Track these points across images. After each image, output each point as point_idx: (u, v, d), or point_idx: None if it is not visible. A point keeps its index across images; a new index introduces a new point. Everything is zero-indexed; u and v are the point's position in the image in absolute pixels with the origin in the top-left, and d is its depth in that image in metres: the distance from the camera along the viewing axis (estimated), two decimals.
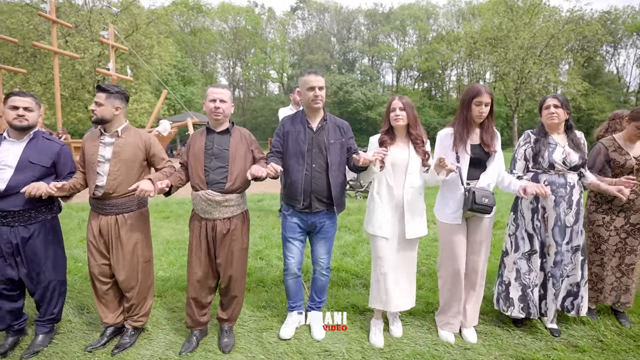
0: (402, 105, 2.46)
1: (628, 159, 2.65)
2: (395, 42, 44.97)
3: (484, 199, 2.33)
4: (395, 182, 2.48)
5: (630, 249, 2.72)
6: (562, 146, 2.53)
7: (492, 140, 2.46)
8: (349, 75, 37.86)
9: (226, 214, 2.39)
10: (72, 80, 21.81)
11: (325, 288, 2.77)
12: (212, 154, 2.39)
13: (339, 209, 2.56)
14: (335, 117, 2.64)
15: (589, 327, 2.71)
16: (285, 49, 45.89)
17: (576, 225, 2.54)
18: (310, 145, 2.47)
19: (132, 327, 2.56)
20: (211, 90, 2.39)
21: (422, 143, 2.49)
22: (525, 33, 27.35)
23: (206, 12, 44.63)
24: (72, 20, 21.28)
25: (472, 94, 2.43)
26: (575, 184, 2.53)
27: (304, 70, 19.95)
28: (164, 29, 26.66)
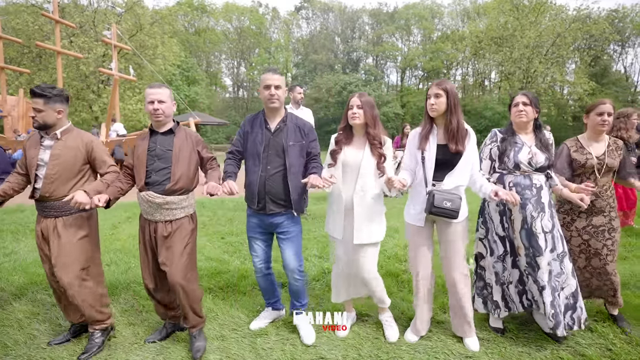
0: (360, 103, 2.35)
1: (589, 159, 2.54)
2: (400, 41, 44.74)
3: (445, 202, 2.20)
4: (345, 184, 2.39)
5: (594, 251, 2.59)
6: (528, 146, 2.42)
7: (455, 140, 2.28)
8: (353, 75, 37.71)
9: (167, 216, 2.33)
10: (77, 80, 21.92)
11: (301, 292, 2.67)
12: (155, 155, 2.33)
13: (298, 211, 2.49)
14: (298, 117, 2.55)
15: (597, 334, 2.59)
16: (289, 48, 45.88)
17: (555, 230, 2.40)
18: (266, 147, 2.40)
19: (97, 330, 2.45)
20: (148, 92, 2.31)
21: (380, 144, 2.37)
22: (531, 32, 27.07)
23: (210, 12, 44.71)
24: (76, 21, 21.38)
25: (428, 89, 2.35)
26: (543, 185, 2.41)
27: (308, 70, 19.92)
28: (168, 29, 26.73)
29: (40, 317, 2.83)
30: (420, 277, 2.49)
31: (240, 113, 43.16)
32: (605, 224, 2.57)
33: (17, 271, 3.67)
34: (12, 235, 4.95)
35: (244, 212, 6.12)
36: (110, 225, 5.54)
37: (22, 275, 3.58)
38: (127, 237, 4.87)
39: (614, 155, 2.55)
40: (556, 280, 2.39)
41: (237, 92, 48.39)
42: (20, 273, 3.63)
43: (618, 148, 2.58)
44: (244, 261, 4.01)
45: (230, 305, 3.02)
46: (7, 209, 6.39)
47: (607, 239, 2.57)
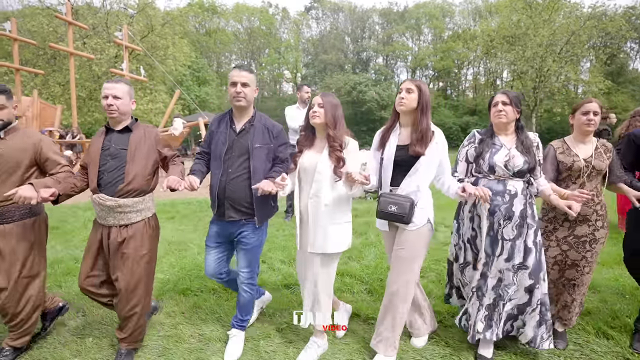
0: (322, 102, 2.20)
1: (576, 161, 2.34)
2: (410, 41, 44.44)
3: (390, 206, 2.08)
4: (302, 189, 2.26)
5: (571, 262, 2.40)
6: (507, 148, 2.24)
7: (420, 142, 2.11)
8: (363, 74, 37.57)
9: (122, 220, 2.17)
10: (89, 81, 22.25)
11: (248, 305, 2.49)
12: (109, 154, 2.18)
13: (261, 219, 2.29)
14: (268, 119, 2.38)
15: (613, 342, 2.48)
16: (299, 49, 45.93)
17: (518, 240, 2.20)
18: (230, 148, 2.24)
19: (9, 347, 2.28)
20: (104, 86, 2.18)
21: (340, 147, 2.17)
22: (545, 30, 26.58)
23: (221, 13, 44.99)
24: (89, 22, 21.72)
25: (400, 83, 2.23)
26: (519, 192, 2.19)
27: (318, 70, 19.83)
28: (179, 30, 27.00)
29: None
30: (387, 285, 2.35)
31: None
32: (587, 235, 2.37)
33: None
34: None
35: None
36: None
37: None
38: None
39: (603, 157, 2.36)
40: (505, 289, 2.24)
41: None
42: None
43: (607, 150, 2.39)
44: None
45: (234, 307, 2.97)
46: None
47: (587, 250, 2.37)
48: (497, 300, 2.25)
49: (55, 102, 20.00)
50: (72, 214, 6.02)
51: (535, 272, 2.21)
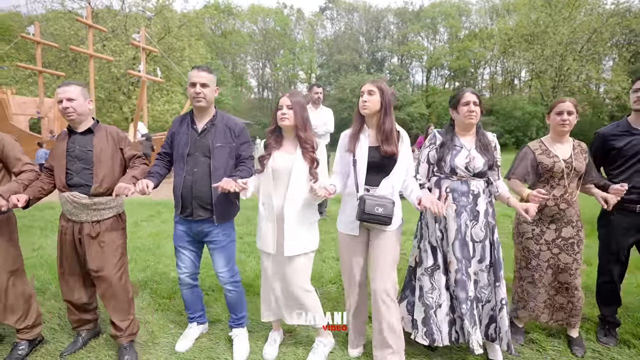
0: (290, 103, 2.15)
1: (557, 162, 2.29)
2: (426, 40, 44.01)
3: (377, 208, 2.02)
4: (276, 192, 2.20)
5: (563, 266, 2.34)
6: (467, 149, 2.21)
7: (388, 142, 2.11)
8: (378, 75, 37.38)
9: (95, 217, 2.23)
10: (108, 82, 22.80)
11: (238, 303, 2.49)
12: (75, 156, 2.22)
13: (220, 218, 2.27)
14: (230, 117, 2.39)
15: (635, 351, 2.39)
16: (314, 49, 46.04)
17: (486, 240, 2.20)
18: (192, 148, 2.25)
19: (24, 340, 2.35)
20: (57, 91, 2.20)
21: (312, 148, 2.17)
22: (565, 28, 25.98)
23: (236, 15, 45.50)
24: (109, 25, 22.26)
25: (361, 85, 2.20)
26: (481, 192, 2.19)
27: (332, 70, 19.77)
28: (195, 31, 27.40)
29: (62, 312, 2.89)
30: (353, 288, 2.31)
31: (265, 114, 43.60)
32: (574, 236, 2.34)
33: (43, 266, 3.79)
34: (40, 231, 5.15)
35: None
36: (132, 222, 5.66)
37: (48, 270, 3.69)
38: (147, 235, 4.96)
39: (580, 158, 2.32)
40: (482, 291, 2.21)
41: (262, 93, 49.00)
42: (46, 268, 3.75)
43: (583, 151, 2.35)
44: (253, 262, 3.98)
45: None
46: (38, 205, 6.67)
47: (576, 252, 2.34)
48: (476, 303, 2.21)
49: None
50: None
51: (495, 270, 2.21)
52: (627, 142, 2.33)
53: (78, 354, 2.38)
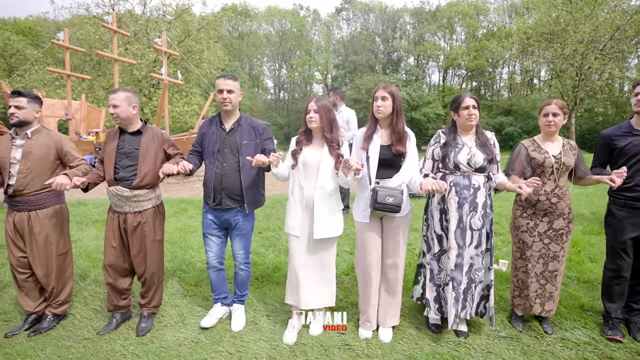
0: (317, 108, 2.48)
1: (547, 157, 2.54)
2: (442, 40, 43.61)
3: (388, 198, 2.33)
4: (306, 183, 2.53)
5: (553, 254, 2.60)
6: (469, 147, 2.49)
7: (400, 142, 2.44)
8: (394, 75, 37.29)
9: (136, 208, 2.58)
10: (131, 84, 23.53)
11: (245, 282, 2.87)
12: (123, 153, 2.57)
13: (250, 206, 2.64)
14: (253, 119, 2.75)
15: (628, 340, 2.54)
16: (330, 50, 46.20)
17: (484, 229, 2.50)
18: (222, 145, 2.59)
19: (51, 314, 2.76)
20: (111, 96, 2.56)
21: (338, 146, 2.51)
22: (586, 26, 25.37)
23: (253, 17, 46.10)
24: (131, 30, 22.99)
25: (374, 91, 2.48)
26: (481, 186, 2.47)
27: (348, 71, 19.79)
28: (214, 34, 27.96)
29: (102, 295, 3.22)
30: (369, 269, 2.59)
31: (281, 114, 44.06)
32: (563, 227, 2.59)
33: (82, 256, 4.15)
34: (77, 225, 5.56)
35: (281, 208, 6.39)
36: None
37: (86, 259, 4.05)
38: (174, 229, 5.29)
39: (569, 154, 2.56)
40: (476, 273, 2.53)
41: (278, 93, 49.46)
42: (85, 258, 4.11)
43: (572, 148, 2.59)
44: (279, 254, 4.24)
45: (264, 294, 3.25)
46: (70, 202, 7.12)
47: (564, 242, 2.60)
48: (469, 284, 2.53)
49: (99, 105, 21.34)
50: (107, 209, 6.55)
51: (491, 254, 2.58)
52: (628, 142, 2.49)
53: (111, 334, 2.69)
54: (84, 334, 2.66)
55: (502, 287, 3.32)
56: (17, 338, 2.61)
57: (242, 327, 2.73)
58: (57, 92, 22.40)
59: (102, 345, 2.52)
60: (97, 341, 2.57)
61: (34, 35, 32.96)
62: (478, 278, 2.55)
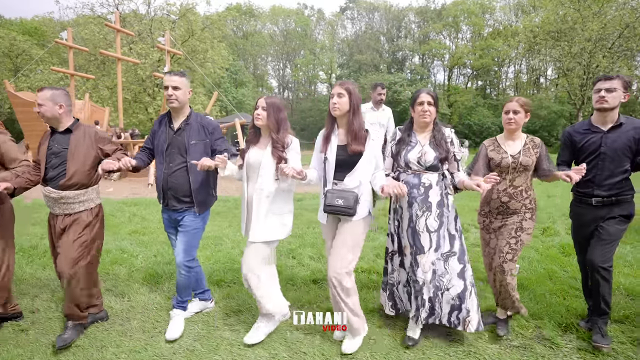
0: (265, 106, 2.37)
1: (504, 157, 2.49)
2: (448, 39, 43.30)
3: (337, 200, 2.25)
4: (248, 183, 2.47)
5: (498, 249, 2.54)
6: (421, 145, 2.43)
7: (356, 141, 2.30)
8: (398, 74, 37.11)
9: (66, 210, 2.46)
10: (135, 84, 23.57)
11: (185, 287, 2.69)
12: (52, 152, 2.46)
13: (200, 208, 2.56)
14: (204, 117, 2.63)
15: None
16: (334, 49, 46.09)
17: (442, 229, 2.39)
18: (169, 145, 2.51)
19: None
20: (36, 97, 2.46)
21: (282, 148, 2.38)
22: (594, 24, 25.02)
23: (257, 16, 46.10)
24: (135, 29, 23.01)
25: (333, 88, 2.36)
26: (434, 185, 2.40)
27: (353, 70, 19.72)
28: (218, 33, 27.95)
29: None
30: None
31: None
32: (515, 223, 2.50)
33: None
34: None
35: None
36: (158, 218, 5.92)
37: None
38: None
39: (530, 153, 2.48)
40: (440, 279, 2.38)
41: (282, 93, 49.43)
42: None
43: (535, 146, 2.51)
44: (279, 257, 4.12)
45: None
46: None
47: (512, 237, 2.49)
48: (435, 292, 2.39)
49: (103, 104, 21.36)
50: (119, 209, 6.47)
51: (461, 256, 2.42)
52: (587, 139, 2.46)
53: (103, 341, 2.57)
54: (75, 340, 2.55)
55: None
56: (5, 345, 2.50)
57: (178, 336, 2.55)
58: None
59: (93, 353, 2.41)
60: (88, 348, 2.46)
61: (40, 35, 33.16)
62: (444, 285, 2.39)
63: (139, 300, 3.10)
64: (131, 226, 5.37)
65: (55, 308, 2.97)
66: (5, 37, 28.15)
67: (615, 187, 2.39)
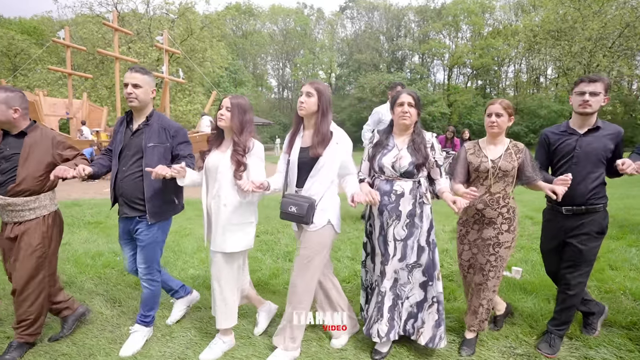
0: (230, 106, 2.21)
1: (484, 162, 2.33)
2: (447, 38, 43.22)
3: (291, 207, 2.13)
4: (207, 189, 2.32)
5: (479, 266, 2.39)
6: (398, 149, 2.29)
7: (320, 144, 2.15)
8: (398, 74, 37.04)
9: (15, 218, 2.28)
10: None
11: (150, 301, 2.50)
12: (2, 157, 2.27)
13: (154, 217, 2.33)
14: (166, 119, 2.43)
15: None
16: (334, 49, 46.03)
17: (410, 240, 2.25)
18: (125, 147, 2.33)
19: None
20: None
21: (242, 152, 2.20)
22: (595, 23, 24.92)
23: (257, 15, 46.02)
24: (134, 28, 22.91)
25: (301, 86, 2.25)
26: (406, 193, 2.24)
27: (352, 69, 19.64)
28: (217, 32, 27.84)
29: (85, 304, 3.02)
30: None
31: (285, 113, 43.91)
32: (491, 237, 2.35)
33: (70, 261, 3.97)
34: (67, 227, 5.36)
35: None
36: None
37: (73, 265, 3.86)
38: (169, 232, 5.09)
39: (511, 159, 2.30)
40: (402, 288, 2.30)
41: (282, 92, 49.39)
42: (72, 263, 3.91)
43: (518, 151, 2.34)
44: (277, 260, 4.03)
45: None
46: (65, 202, 6.96)
47: (490, 254, 2.35)
48: (395, 300, 2.30)
49: (102, 104, 21.25)
50: (115, 210, 6.37)
51: (428, 270, 2.29)
52: (562, 142, 2.38)
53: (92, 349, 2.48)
54: (62, 348, 2.46)
55: (516, 296, 3.08)
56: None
57: (131, 354, 2.36)
58: (61, 91, 22.34)
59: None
60: (76, 357, 2.37)
61: (39, 34, 33.05)
62: (404, 294, 2.30)
63: (130, 306, 3.01)
64: None
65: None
66: (4, 37, 28.04)
67: (588, 194, 2.27)
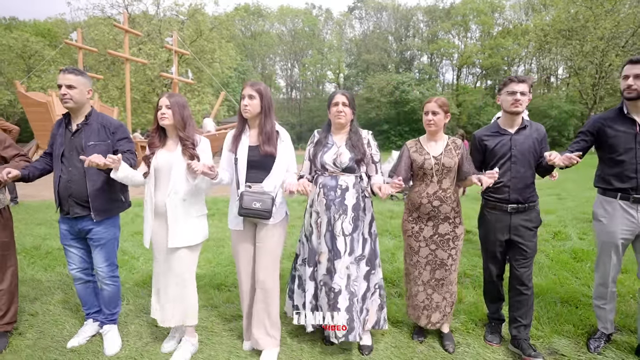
0: (169, 104, 2.25)
1: (427, 159, 2.40)
2: (456, 38, 42.94)
3: (254, 203, 2.17)
4: (158, 188, 2.32)
5: (440, 262, 2.44)
6: (337, 146, 2.40)
7: (268, 142, 2.25)
8: (406, 74, 36.88)
9: None
10: (143, 84, 23.74)
11: (114, 299, 2.55)
12: None
13: (98, 214, 2.36)
14: (106, 117, 2.46)
15: None
16: (342, 49, 46.00)
17: (356, 233, 2.34)
18: (67, 147, 2.35)
19: None
20: None
21: (192, 145, 2.28)
22: (607, 22, 24.54)
23: (266, 16, 46.23)
24: (144, 30, 23.19)
25: (242, 89, 2.32)
26: (350, 187, 2.35)
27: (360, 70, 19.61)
28: (226, 33, 28.05)
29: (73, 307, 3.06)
30: (242, 284, 2.44)
31: (293, 113, 44.05)
32: (449, 232, 2.42)
33: None
34: None
35: None
36: None
37: None
38: None
39: (452, 154, 2.40)
40: (354, 284, 2.33)
41: (290, 93, 49.49)
42: None
43: (457, 147, 2.43)
44: (282, 260, 4.05)
45: None
46: None
47: (451, 248, 2.43)
48: (351, 299, 2.30)
49: (113, 104, 21.53)
50: None
51: (371, 260, 2.42)
52: (497, 143, 2.39)
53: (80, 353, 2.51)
54: (50, 356, 2.50)
55: None
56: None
57: (118, 350, 2.42)
58: None
59: (90, 359, 2.35)
60: (85, 353, 2.39)
61: (52, 36, 33.65)
62: (358, 290, 2.34)
63: (137, 304, 3.06)
64: (134, 227, 5.35)
65: (54, 311, 2.94)
66: (19, 39, 28.62)
67: (527, 192, 2.34)
